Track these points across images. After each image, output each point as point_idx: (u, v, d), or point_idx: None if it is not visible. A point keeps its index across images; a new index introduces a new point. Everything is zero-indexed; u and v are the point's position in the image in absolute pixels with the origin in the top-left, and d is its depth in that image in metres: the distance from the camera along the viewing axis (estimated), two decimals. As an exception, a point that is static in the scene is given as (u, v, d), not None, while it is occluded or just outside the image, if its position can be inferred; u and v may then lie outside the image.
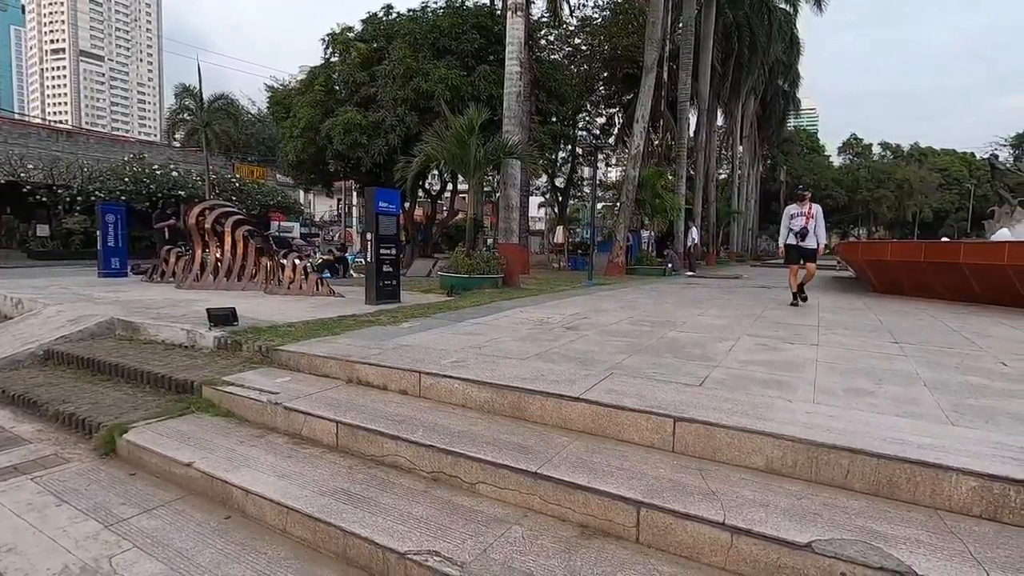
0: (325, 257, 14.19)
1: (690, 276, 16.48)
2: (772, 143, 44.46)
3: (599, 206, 23.76)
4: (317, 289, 8.43)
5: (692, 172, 25.62)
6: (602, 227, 22.35)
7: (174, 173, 23.48)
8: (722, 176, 39.61)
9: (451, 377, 3.62)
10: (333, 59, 17.15)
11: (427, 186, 21.77)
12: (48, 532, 2.60)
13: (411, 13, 17.01)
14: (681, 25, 21.81)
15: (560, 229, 23.34)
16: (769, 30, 27.32)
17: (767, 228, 48.66)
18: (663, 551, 2.26)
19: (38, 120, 71.91)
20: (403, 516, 2.51)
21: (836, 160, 64.16)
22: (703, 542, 2.20)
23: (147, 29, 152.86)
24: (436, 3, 17.43)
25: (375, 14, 17.42)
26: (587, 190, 35.02)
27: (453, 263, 9.89)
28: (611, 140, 30.59)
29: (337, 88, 16.37)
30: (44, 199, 20.49)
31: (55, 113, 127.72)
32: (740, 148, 35.33)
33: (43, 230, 20.91)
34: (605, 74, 25.42)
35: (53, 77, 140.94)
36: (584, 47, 25.25)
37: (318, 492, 2.73)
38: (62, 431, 3.84)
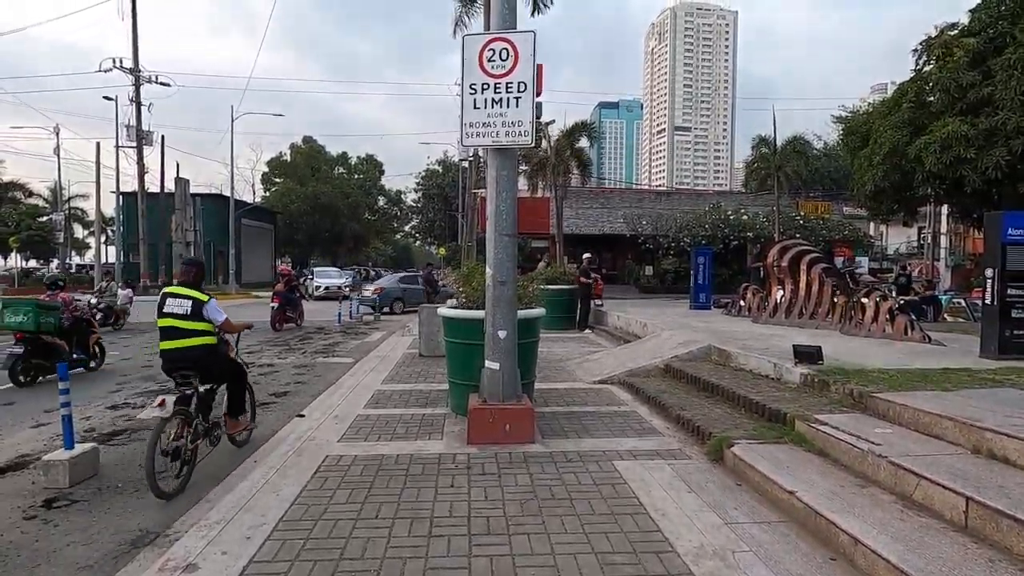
0: (908, 297, 12.25)
1: None
2: None
3: None
4: (906, 333, 7.34)
5: None
6: None
7: (744, 217, 25.93)
8: None
9: None
10: (927, 68, 14.72)
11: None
12: (684, 510, 3.28)
13: (1056, -29, 12.68)
14: None
15: None
16: None
17: None
18: None
19: (646, 187, 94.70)
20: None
21: None
22: None
23: (724, 95, 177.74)
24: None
25: (991, -5, 13.93)
26: None
27: None
28: None
29: (931, 100, 13.93)
30: (650, 246, 26.62)
31: (656, 179, 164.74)
32: None
33: (648, 270, 27.20)
34: None
35: (656, 152, 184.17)
36: None
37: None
38: (681, 431, 4.80)
